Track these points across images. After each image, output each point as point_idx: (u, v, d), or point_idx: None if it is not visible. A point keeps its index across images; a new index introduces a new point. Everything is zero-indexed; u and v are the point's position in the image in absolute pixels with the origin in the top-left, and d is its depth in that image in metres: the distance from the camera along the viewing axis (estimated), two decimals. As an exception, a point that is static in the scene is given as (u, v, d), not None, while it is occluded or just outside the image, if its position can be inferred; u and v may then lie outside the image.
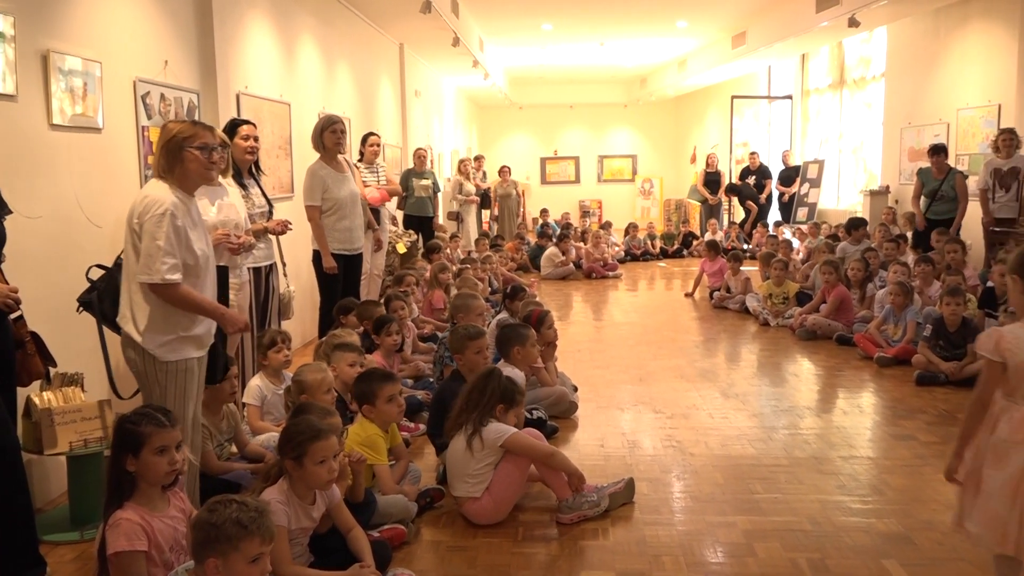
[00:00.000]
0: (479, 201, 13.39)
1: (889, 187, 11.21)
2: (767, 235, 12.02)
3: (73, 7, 4.04)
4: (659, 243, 14.30)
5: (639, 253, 13.75)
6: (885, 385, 5.70)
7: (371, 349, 5.19)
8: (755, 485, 3.91)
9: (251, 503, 2.30)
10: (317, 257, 5.74)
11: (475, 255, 10.01)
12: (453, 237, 11.36)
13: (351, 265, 5.95)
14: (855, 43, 12.91)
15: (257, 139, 4.79)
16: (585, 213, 20.91)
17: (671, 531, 3.44)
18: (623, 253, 13.48)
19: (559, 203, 19.36)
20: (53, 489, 3.82)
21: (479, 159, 14.44)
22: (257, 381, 4.37)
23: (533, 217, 17.43)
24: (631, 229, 14.19)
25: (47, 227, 3.80)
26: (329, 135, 5.71)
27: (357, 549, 2.95)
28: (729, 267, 9.06)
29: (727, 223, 14.81)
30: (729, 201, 14.98)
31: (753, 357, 6.75)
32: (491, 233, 14.00)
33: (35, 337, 3.28)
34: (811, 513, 3.58)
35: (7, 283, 3.06)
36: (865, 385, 5.78)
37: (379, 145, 7.59)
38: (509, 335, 4.71)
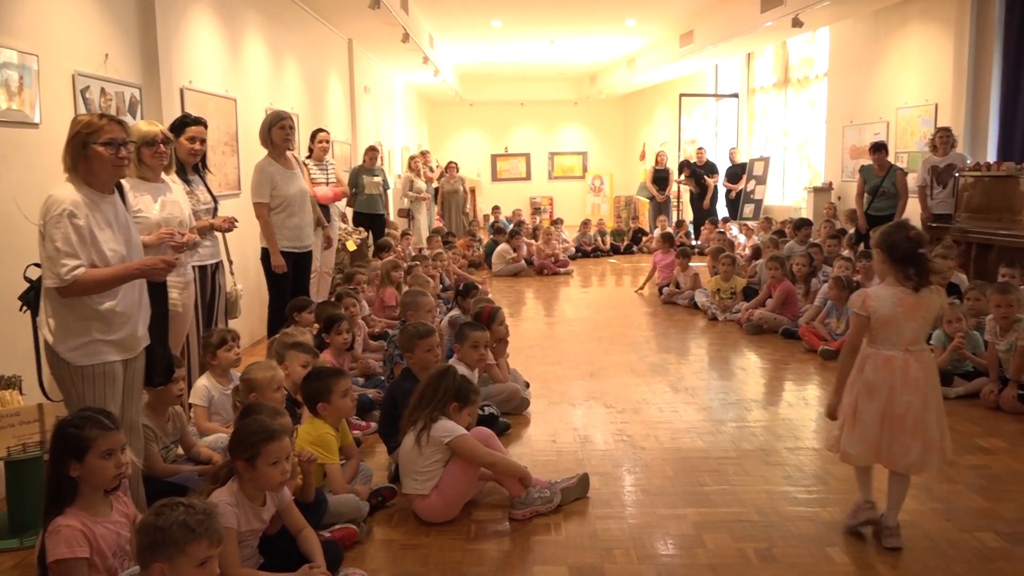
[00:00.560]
0: (430, 198, 13.33)
1: (832, 184, 11.48)
2: (715, 231, 12.21)
3: (7, -2, 3.91)
4: (609, 239, 14.43)
5: (590, 249, 13.84)
6: (829, 377, 5.82)
7: (322, 348, 5.15)
8: (704, 477, 3.98)
9: (199, 505, 2.27)
10: (266, 255, 5.66)
11: (427, 252, 9.97)
12: (404, 234, 11.30)
13: (300, 263, 5.88)
14: (799, 43, 13.19)
15: (204, 141, 4.68)
16: (536, 210, 20.98)
17: (622, 524, 3.48)
18: (574, 249, 13.56)
19: (510, 200, 19.38)
20: (-10, 495, 3.71)
21: (424, 155, 14.32)
22: (204, 381, 4.29)
23: (484, 214, 17.42)
24: (584, 226, 14.28)
25: (-19, 225, 3.68)
26: (277, 131, 5.64)
27: (308, 550, 2.92)
28: (678, 263, 9.18)
29: (676, 220, 14.99)
30: (688, 182, 14.84)
31: (702, 351, 6.85)
32: (442, 230, 13.94)
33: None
34: (758, 504, 3.65)
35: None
36: (810, 377, 5.91)
37: (328, 142, 7.51)
38: (456, 333, 4.72)
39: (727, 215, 14.24)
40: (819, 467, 4.09)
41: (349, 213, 9.59)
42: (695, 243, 13.30)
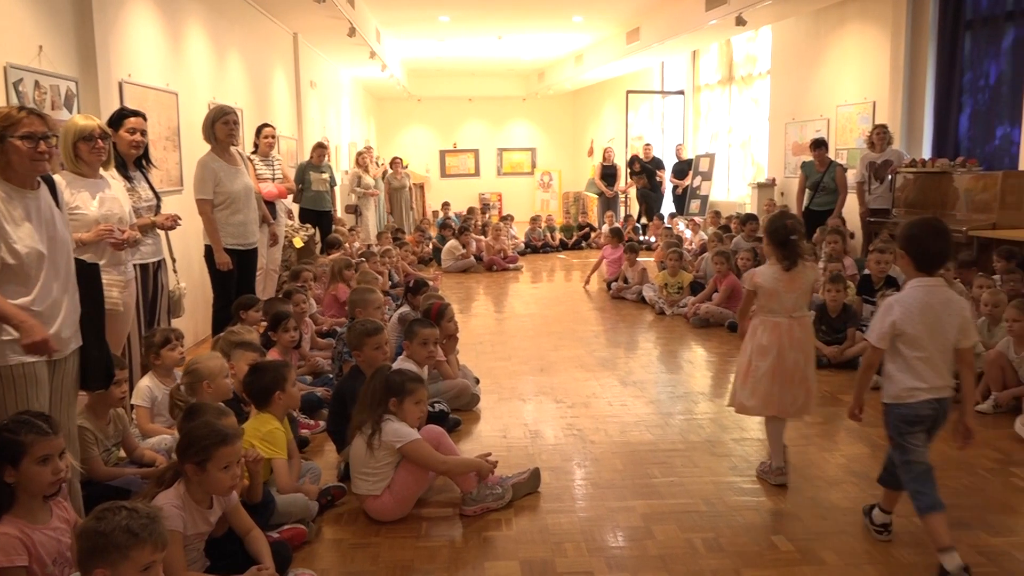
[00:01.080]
0: (379, 194, 13.20)
1: (775, 179, 11.72)
2: (662, 227, 12.36)
3: (-67, -13, 3.76)
4: (559, 235, 14.50)
5: (539, 245, 13.90)
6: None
7: (268, 347, 5.07)
8: (653, 470, 4.03)
9: (142, 509, 2.22)
10: (209, 252, 5.56)
11: (376, 249, 9.89)
12: (352, 231, 11.18)
13: (246, 260, 5.78)
14: (742, 42, 13.41)
15: (145, 132, 4.58)
16: (485, 206, 20.98)
17: (573, 518, 3.51)
18: (523, 245, 13.60)
19: (459, 196, 19.35)
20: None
21: (368, 150, 14.12)
22: (147, 382, 4.20)
23: (433, 210, 17.35)
24: (533, 222, 14.32)
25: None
26: (221, 126, 5.54)
27: (256, 551, 2.88)
28: (626, 258, 9.27)
29: (624, 216, 15.13)
30: (639, 180, 14.95)
31: (650, 345, 6.94)
32: (392, 226, 13.84)
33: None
34: (706, 495, 3.72)
35: None
36: (755, 370, 6.02)
37: (274, 137, 7.39)
38: (405, 330, 4.69)
39: (674, 211, 14.43)
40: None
41: (295, 210, 9.46)
42: (642, 238, 13.44)
